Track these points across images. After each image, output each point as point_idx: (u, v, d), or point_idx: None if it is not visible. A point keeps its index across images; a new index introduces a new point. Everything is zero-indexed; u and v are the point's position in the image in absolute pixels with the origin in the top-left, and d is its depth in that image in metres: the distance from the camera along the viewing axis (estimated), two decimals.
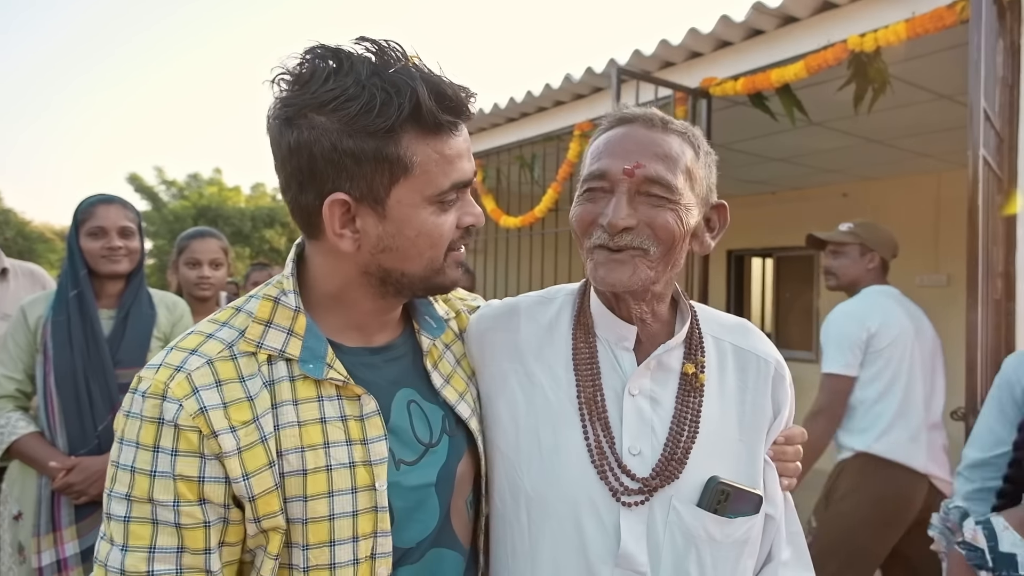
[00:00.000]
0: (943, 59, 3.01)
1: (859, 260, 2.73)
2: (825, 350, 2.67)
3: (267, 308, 0.90)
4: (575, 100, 4.28)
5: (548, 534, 0.95)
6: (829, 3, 2.86)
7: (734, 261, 7.13)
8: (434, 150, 0.85)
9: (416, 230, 0.87)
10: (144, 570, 0.80)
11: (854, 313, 2.63)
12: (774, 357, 1.06)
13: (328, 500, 0.86)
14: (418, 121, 0.83)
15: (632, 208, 0.92)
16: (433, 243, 0.89)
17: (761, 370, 1.04)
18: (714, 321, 1.07)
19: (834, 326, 2.65)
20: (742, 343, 1.06)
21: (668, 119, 0.98)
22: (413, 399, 0.97)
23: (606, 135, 0.99)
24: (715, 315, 1.09)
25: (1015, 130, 2.37)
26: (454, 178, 0.87)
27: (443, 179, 0.87)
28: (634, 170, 0.92)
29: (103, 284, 2.12)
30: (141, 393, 0.83)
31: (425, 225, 0.88)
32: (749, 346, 1.05)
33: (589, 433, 0.96)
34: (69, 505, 1.95)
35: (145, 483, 0.81)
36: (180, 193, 19.42)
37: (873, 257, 2.72)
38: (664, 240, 0.93)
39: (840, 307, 2.70)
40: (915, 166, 5.23)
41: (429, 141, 0.84)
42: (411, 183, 0.85)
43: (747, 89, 3.14)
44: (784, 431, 1.05)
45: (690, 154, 0.96)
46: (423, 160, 0.85)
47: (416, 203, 0.86)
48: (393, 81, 0.81)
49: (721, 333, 1.06)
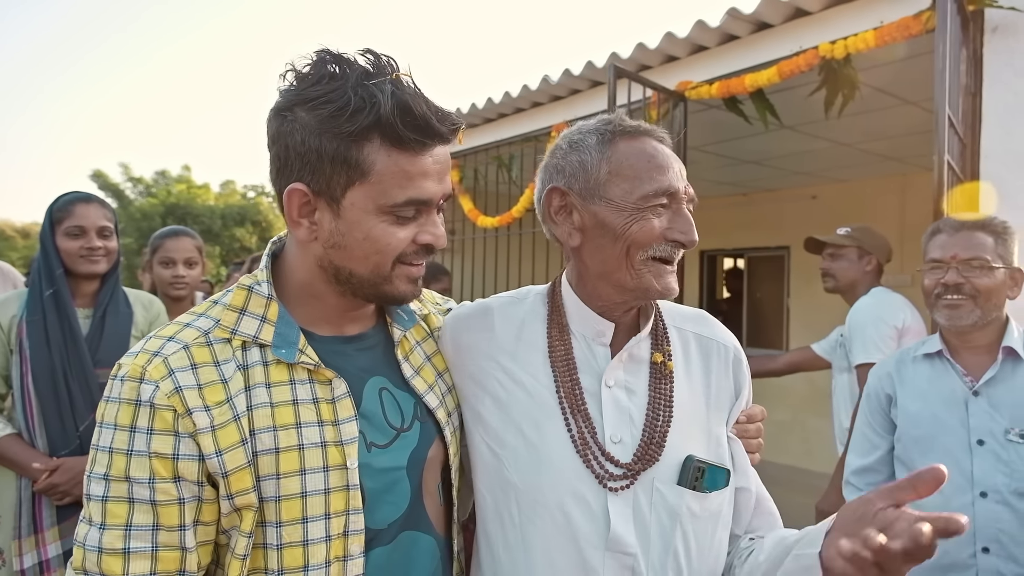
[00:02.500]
0: (910, 66, 3.11)
1: (857, 263, 2.79)
2: (857, 341, 2.61)
3: (241, 297, 0.96)
4: (553, 101, 4.31)
5: (539, 525, 0.98)
6: (801, 11, 2.94)
7: (707, 261, 7.25)
8: (395, 163, 0.88)
9: (364, 234, 0.91)
10: (120, 547, 0.83)
11: (885, 306, 2.60)
12: (732, 343, 1.14)
13: (300, 478, 0.89)
14: (384, 133, 0.87)
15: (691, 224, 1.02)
16: (379, 250, 0.92)
17: (721, 354, 1.11)
18: (675, 313, 1.14)
19: (868, 316, 2.61)
20: (703, 331, 1.13)
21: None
22: (385, 387, 1.02)
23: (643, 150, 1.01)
24: (675, 308, 1.16)
25: (977, 136, 2.47)
26: (411, 194, 0.90)
27: (398, 192, 0.89)
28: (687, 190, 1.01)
29: (79, 283, 2.10)
30: (120, 378, 0.87)
31: (373, 231, 0.91)
32: (709, 333, 1.13)
33: (571, 425, 1.00)
34: (51, 506, 1.93)
35: (122, 462, 0.84)
36: (147, 190, 19.05)
37: (871, 260, 2.78)
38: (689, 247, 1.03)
39: (866, 301, 2.68)
40: (882, 169, 5.38)
41: (392, 154, 0.88)
42: (366, 189, 0.89)
43: (722, 93, 3.21)
44: (745, 410, 1.11)
45: None
46: (381, 170, 0.88)
47: (368, 209, 0.90)
48: (371, 92, 0.87)
49: (683, 323, 1.13)
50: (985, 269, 1.62)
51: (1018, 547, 1.53)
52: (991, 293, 1.62)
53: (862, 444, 1.87)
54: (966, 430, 1.63)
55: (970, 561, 1.58)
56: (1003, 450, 1.57)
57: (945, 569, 1.62)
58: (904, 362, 1.81)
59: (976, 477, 1.59)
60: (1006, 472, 1.56)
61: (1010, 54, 2.41)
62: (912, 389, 1.75)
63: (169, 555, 0.85)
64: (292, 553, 0.89)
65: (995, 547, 1.55)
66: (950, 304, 1.66)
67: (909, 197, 5.42)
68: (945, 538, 0.68)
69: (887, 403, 1.81)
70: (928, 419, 1.69)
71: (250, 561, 0.89)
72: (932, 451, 1.66)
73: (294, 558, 0.89)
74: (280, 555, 0.89)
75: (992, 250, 1.63)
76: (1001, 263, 1.63)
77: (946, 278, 1.65)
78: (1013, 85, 2.40)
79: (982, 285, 1.62)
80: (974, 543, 1.57)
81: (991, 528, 1.56)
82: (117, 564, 0.83)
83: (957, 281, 1.64)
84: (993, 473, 1.57)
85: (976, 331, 1.67)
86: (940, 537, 0.67)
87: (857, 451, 1.88)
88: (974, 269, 1.63)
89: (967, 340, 1.69)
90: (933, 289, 1.69)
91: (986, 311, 1.63)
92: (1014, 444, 1.56)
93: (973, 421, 1.62)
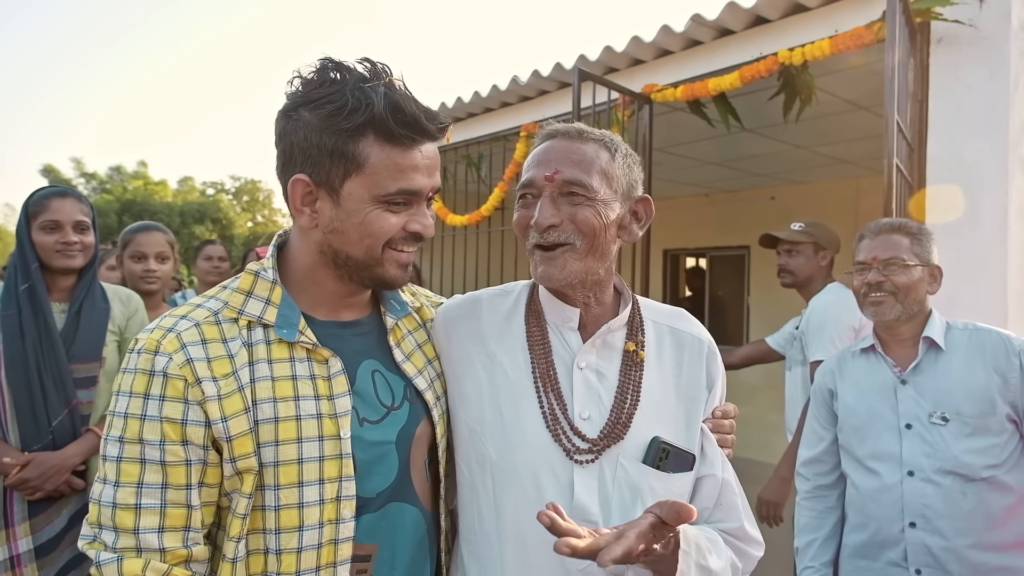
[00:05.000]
0: (862, 74, 3.26)
1: (813, 258, 2.88)
2: (814, 339, 2.66)
3: (248, 281, 1.05)
4: (522, 102, 4.39)
5: (511, 495, 1.06)
6: (762, 18, 3.07)
7: (670, 260, 7.42)
8: (388, 157, 0.98)
9: (359, 220, 1.00)
10: (132, 503, 0.92)
11: (843, 307, 2.64)
12: (706, 337, 1.22)
13: (297, 445, 0.98)
14: (378, 129, 0.97)
15: (555, 208, 1.07)
16: (371, 233, 1.01)
17: (695, 348, 1.19)
18: (654, 309, 1.23)
19: (827, 316, 2.66)
20: (678, 325, 1.21)
21: (586, 130, 1.13)
22: (377, 369, 1.11)
23: (535, 149, 1.13)
24: (655, 304, 1.25)
25: (924, 141, 2.62)
26: (401, 185, 1.00)
27: (390, 183, 0.99)
28: (554, 176, 1.07)
29: (54, 278, 2.09)
30: (136, 351, 0.96)
31: (367, 218, 1.00)
32: (684, 328, 1.21)
33: (544, 402, 1.09)
34: (22, 501, 1.92)
35: (136, 426, 0.93)
36: (101, 186, 18.54)
37: (826, 255, 2.88)
38: (586, 232, 1.06)
39: (825, 298, 2.75)
40: (837, 172, 5.60)
41: (385, 148, 0.98)
42: (362, 180, 0.99)
43: (686, 96, 3.32)
44: (720, 407, 1.19)
45: (605, 157, 1.09)
46: (375, 163, 0.98)
47: (364, 198, 1.00)
48: (367, 93, 0.97)
49: (660, 318, 1.21)
50: (902, 267, 1.77)
51: (942, 521, 1.66)
52: (909, 289, 1.77)
53: (810, 437, 2.01)
54: (896, 416, 1.76)
55: (899, 536, 1.71)
56: (927, 432, 1.71)
57: (879, 545, 1.76)
58: (845, 359, 1.96)
59: (904, 458, 1.72)
60: (929, 453, 1.69)
61: (954, 64, 2.57)
62: (850, 382, 1.90)
63: (176, 511, 0.93)
64: (288, 514, 0.97)
65: (921, 522, 1.68)
66: (874, 301, 1.81)
67: (862, 198, 5.66)
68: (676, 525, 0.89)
69: (830, 397, 1.95)
70: (864, 408, 1.83)
71: (250, 522, 0.97)
72: (868, 437, 1.80)
73: (290, 519, 0.97)
74: (277, 516, 0.97)
75: (908, 250, 1.78)
76: (917, 261, 1.78)
77: (868, 277, 1.81)
78: (956, 93, 2.56)
79: (900, 282, 1.77)
80: (903, 519, 1.71)
81: (916, 504, 1.69)
82: (129, 518, 0.92)
83: (878, 280, 1.79)
84: (919, 454, 1.70)
85: (901, 324, 1.81)
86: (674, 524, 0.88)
87: (806, 443, 2.03)
88: (892, 268, 1.78)
89: (894, 334, 1.84)
90: (860, 288, 1.85)
91: (907, 306, 1.78)
92: (936, 426, 1.70)
93: (902, 407, 1.76)
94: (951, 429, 1.68)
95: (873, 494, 1.77)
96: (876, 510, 1.76)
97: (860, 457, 1.82)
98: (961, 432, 1.67)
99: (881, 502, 1.75)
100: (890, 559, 1.74)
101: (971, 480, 1.65)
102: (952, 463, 1.66)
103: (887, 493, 1.74)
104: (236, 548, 0.96)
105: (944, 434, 1.68)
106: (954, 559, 1.64)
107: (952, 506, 1.65)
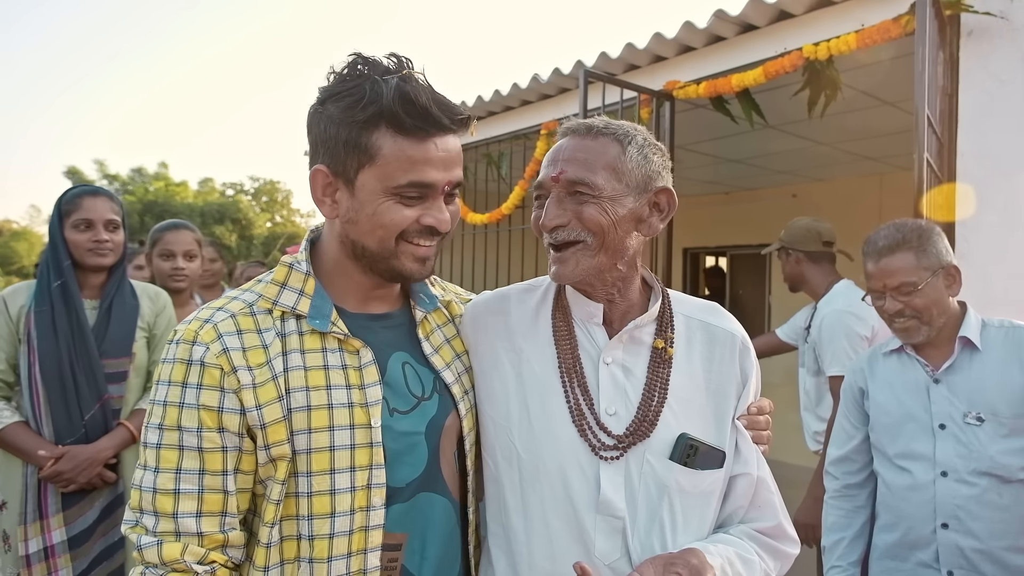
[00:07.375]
0: (889, 69, 3.22)
1: (787, 261, 2.98)
2: (828, 352, 2.64)
3: (282, 273, 1.08)
4: (542, 100, 4.38)
5: (538, 490, 1.06)
6: (786, 13, 3.04)
7: (690, 258, 7.37)
8: (399, 148, 0.98)
9: (372, 210, 1.01)
10: (171, 488, 0.95)
11: (853, 317, 2.61)
12: (740, 332, 1.19)
13: (329, 433, 1.00)
14: (389, 121, 0.97)
15: (561, 208, 1.06)
16: (383, 225, 1.01)
17: (727, 343, 1.16)
18: (686, 303, 1.20)
19: (839, 328, 2.62)
20: (710, 320, 1.18)
21: (597, 125, 1.10)
22: (407, 361, 1.12)
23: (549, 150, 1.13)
24: (687, 298, 1.23)
25: (954, 135, 2.58)
26: (412, 177, 0.99)
27: (401, 175, 0.99)
28: (559, 176, 1.07)
29: (86, 275, 2.13)
30: (175, 342, 0.99)
31: (380, 209, 1.01)
32: (716, 322, 1.18)
33: (570, 397, 1.08)
34: (56, 493, 1.96)
35: (175, 413, 0.96)
36: (124, 188, 18.81)
37: (799, 256, 2.92)
38: (594, 230, 1.05)
39: (833, 307, 2.71)
40: (860, 168, 5.53)
41: (398, 140, 0.98)
42: (375, 171, 0.99)
43: (708, 92, 3.29)
44: (755, 403, 1.17)
45: (614, 151, 1.06)
46: (387, 154, 0.98)
47: (376, 190, 1.00)
48: (381, 85, 0.98)
49: (692, 312, 1.18)
50: (915, 291, 1.71)
51: (976, 523, 1.63)
52: (931, 307, 1.71)
53: (839, 435, 1.98)
54: (929, 415, 1.73)
55: (931, 537, 1.69)
56: (961, 433, 1.67)
57: (910, 546, 1.73)
58: (875, 358, 1.93)
59: (938, 458, 1.69)
60: (964, 453, 1.66)
61: (984, 57, 2.53)
62: (882, 381, 1.87)
63: (213, 497, 0.96)
64: (320, 501, 0.99)
65: (954, 523, 1.66)
66: (901, 328, 1.77)
67: (886, 195, 5.59)
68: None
69: (860, 396, 1.92)
70: (896, 408, 1.80)
71: (283, 508, 1.00)
72: (900, 437, 1.77)
73: (322, 505, 0.99)
74: (310, 502, 0.99)
75: (915, 269, 1.71)
76: (929, 274, 1.70)
77: (887, 306, 1.76)
78: (987, 87, 2.51)
79: (919, 305, 1.71)
80: (935, 519, 1.68)
81: (949, 504, 1.66)
82: (168, 503, 0.94)
83: (896, 308, 1.74)
84: (952, 454, 1.67)
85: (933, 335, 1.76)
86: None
87: (835, 442, 1.99)
88: (905, 295, 1.72)
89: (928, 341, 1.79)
90: (882, 315, 1.81)
91: (934, 323, 1.73)
92: (971, 427, 1.67)
93: (935, 407, 1.73)
94: (987, 430, 1.65)
95: (905, 493, 1.74)
96: (908, 509, 1.73)
97: (892, 456, 1.79)
98: (997, 433, 1.64)
99: (913, 501, 1.72)
100: (921, 560, 1.71)
101: (1008, 481, 1.62)
102: (988, 464, 1.63)
103: (919, 492, 1.71)
104: (270, 533, 0.98)
105: (979, 435, 1.65)
106: (988, 561, 1.61)
107: (987, 507, 1.62)
